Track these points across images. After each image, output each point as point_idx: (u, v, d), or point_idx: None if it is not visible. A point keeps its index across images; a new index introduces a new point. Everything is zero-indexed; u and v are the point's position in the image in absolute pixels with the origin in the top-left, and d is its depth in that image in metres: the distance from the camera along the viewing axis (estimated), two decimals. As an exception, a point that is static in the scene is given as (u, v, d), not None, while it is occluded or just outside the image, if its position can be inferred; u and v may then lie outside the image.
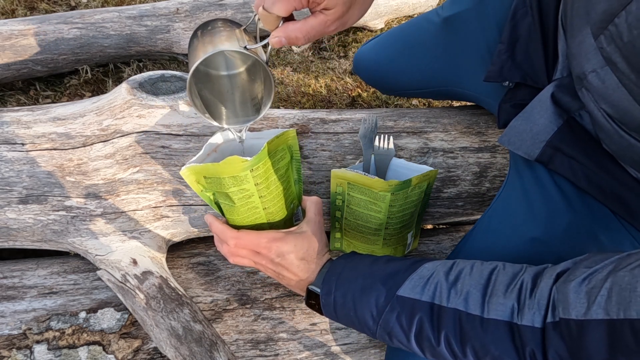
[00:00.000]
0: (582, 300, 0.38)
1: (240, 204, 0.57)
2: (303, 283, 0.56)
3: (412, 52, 0.83)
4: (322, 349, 0.67)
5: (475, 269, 0.47)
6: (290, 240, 0.55)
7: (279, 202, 0.60)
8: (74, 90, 1.20)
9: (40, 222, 0.67)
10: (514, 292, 0.43)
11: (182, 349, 0.58)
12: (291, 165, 0.62)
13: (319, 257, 0.56)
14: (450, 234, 0.82)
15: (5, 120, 0.71)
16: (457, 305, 0.45)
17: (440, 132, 0.77)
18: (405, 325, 0.47)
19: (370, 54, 0.94)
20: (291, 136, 0.61)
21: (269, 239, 0.55)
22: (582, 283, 0.39)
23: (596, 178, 0.52)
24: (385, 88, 0.94)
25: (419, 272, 0.49)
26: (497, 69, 0.62)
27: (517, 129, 0.57)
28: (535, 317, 0.41)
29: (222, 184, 0.55)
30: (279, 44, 0.47)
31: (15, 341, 0.61)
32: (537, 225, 0.56)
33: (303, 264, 0.55)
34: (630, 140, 0.45)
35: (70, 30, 1.09)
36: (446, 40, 0.77)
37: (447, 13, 0.77)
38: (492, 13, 0.70)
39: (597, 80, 0.45)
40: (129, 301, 0.61)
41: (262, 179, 0.56)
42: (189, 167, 0.55)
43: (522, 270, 0.46)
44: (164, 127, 0.70)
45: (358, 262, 0.54)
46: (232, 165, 0.53)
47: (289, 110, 0.79)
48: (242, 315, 0.67)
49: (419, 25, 0.83)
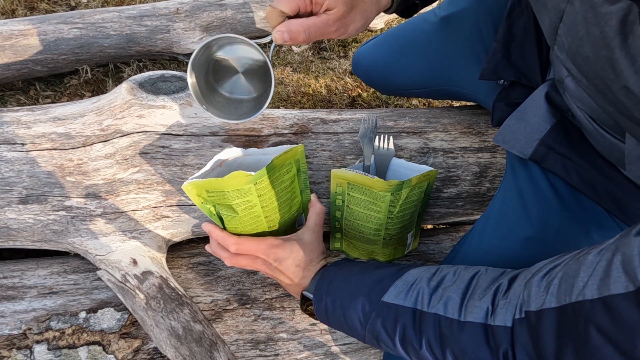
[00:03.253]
0: (541, 292, 0.39)
1: (243, 214, 0.59)
2: (298, 288, 0.59)
3: (410, 52, 0.84)
4: (322, 349, 0.67)
5: (457, 275, 0.48)
6: (288, 247, 0.58)
7: (281, 211, 0.62)
8: (74, 90, 1.20)
9: (40, 222, 0.67)
10: (489, 295, 0.44)
11: (182, 349, 0.58)
12: (298, 177, 0.65)
13: (313, 265, 0.59)
14: (450, 234, 0.82)
15: (5, 120, 0.71)
16: (437, 310, 0.46)
17: (440, 132, 0.77)
18: (390, 330, 0.48)
19: (369, 54, 0.94)
20: (299, 151, 0.63)
21: (267, 245, 0.57)
22: (543, 277, 0.40)
23: (589, 176, 0.53)
24: (384, 88, 0.94)
25: (403, 279, 0.50)
26: (491, 67, 0.62)
27: (511, 128, 0.57)
28: (507, 316, 0.41)
29: (226, 196, 0.57)
30: (282, 39, 0.48)
31: (15, 341, 0.61)
32: (531, 224, 0.57)
33: (298, 270, 0.58)
34: (610, 139, 0.46)
35: (70, 30, 1.09)
36: (444, 39, 0.77)
37: (444, 12, 0.77)
38: (488, 12, 0.70)
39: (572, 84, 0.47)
40: (129, 301, 0.61)
41: (266, 191, 0.59)
42: (191, 182, 0.56)
43: (502, 273, 0.46)
44: (164, 127, 0.70)
45: (349, 269, 0.56)
46: (236, 179, 0.55)
47: (289, 110, 0.79)
48: (242, 315, 0.67)
49: (417, 26, 0.84)
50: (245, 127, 0.74)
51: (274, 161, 0.58)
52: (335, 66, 1.32)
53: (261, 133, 0.74)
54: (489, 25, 0.70)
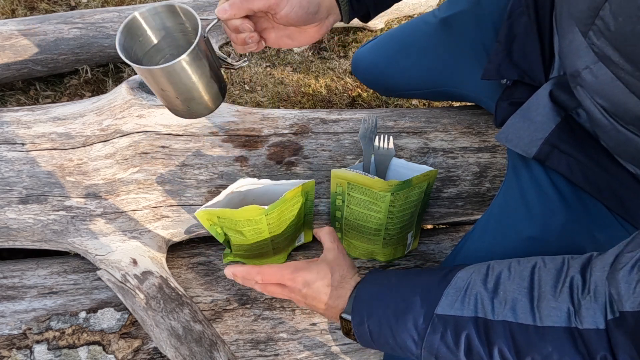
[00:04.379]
0: (633, 290, 0.35)
1: (251, 238, 0.63)
2: (335, 311, 0.53)
3: (409, 53, 0.83)
4: (322, 349, 0.67)
5: (513, 271, 0.44)
6: (313, 268, 0.53)
7: (286, 233, 0.66)
8: (74, 90, 1.20)
9: (40, 222, 0.67)
10: (564, 293, 0.40)
11: (182, 349, 0.58)
12: (304, 205, 0.67)
13: (346, 281, 0.53)
14: (450, 234, 0.82)
15: (5, 120, 0.71)
16: (505, 316, 0.42)
17: (440, 132, 0.77)
18: (452, 344, 0.44)
19: (368, 55, 0.94)
20: (310, 186, 0.64)
21: (291, 269, 0.53)
22: (631, 271, 0.36)
23: (593, 175, 0.52)
24: (384, 89, 0.94)
25: (453, 285, 0.45)
26: (494, 66, 0.62)
27: (515, 127, 0.57)
28: (597, 318, 0.38)
29: (237, 223, 0.60)
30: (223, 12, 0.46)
31: (15, 341, 0.61)
32: (533, 224, 0.56)
33: (330, 290, 0.53)
34: (627, 134, 0.45)
35: (70, 30, 1.09)
36: (443, 41, 0.77)
37: (443, 14, 0.77)
38: (488, 14, 0.70)
39: (591, 76, 0.45)
40: (129, 301, 0.61)
41: (275, 220, 0.62)
42: (204, 210, 0.59)
43: (565, 264, 0.43)
44: (164, 127, 0.70)
45: (385, 284, 0.51)
46: (249, 212, 0.58)
47: (289, 110, 0.79)
48: (242, 315, 0.67)
49: (417, 27, 0.84)
50: (246, 127, 0.74)
51: (286, 196, 0.60)
52: (335, 66, 1.32)
53: (261, 133, 0.74)
54: (489, 26, 0.70)
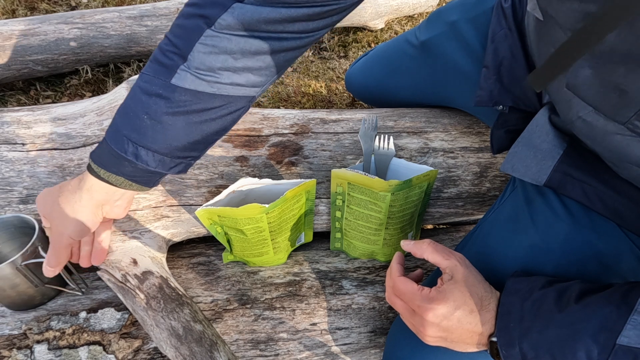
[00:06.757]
0: None
1: (251, 237, 0.63)
2: (484, 338, 0.46)
3: (398, 74, 0.85)
4: (322, 349, 0.67)
5: None
6: (448, 296, 0.46)
7: (286, 232, 0.67)
8: (75, 90, 1.20)
9: (40, 222, 0.67)
10: None
11: (183, 349, 0.58)
12: (305, 205, 0.67)
13: (490, 301, 0.47)
14: (450, 234, 0.82)
15: (6, 120, 0.71)
16: None
17: (440, 132, 0.77)
18: None
19: (358, 76, 0.96)
20: (311, 185, 0.65)
21: (423, 296, 0.48)
22: None
23: (610, 201, 0.49)
24: (378, 105, 0.96)
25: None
26: (486, 93, 0.60)
27: (519, 155, 0.54)
28: None
29: (237, 222, 0.61)
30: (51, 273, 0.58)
31: (15, 341, 0.61)
32: (536, 231, 0.55)
33: (474, 316, 0.46)
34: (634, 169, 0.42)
35: (70, 30, 1.09)
36: (427, 63, 0.78)
37: (423, 37, 0.78)
38: (466, 33, 0.70)
39: (584, 125, 0.43)
40: (129, 301, 0.61)
41: (275, 218, 0.63)
42: (205, 208, 0.59)
43: None
44: (164, 127, 0.70)
45: (540, 299, 0.45)
46: (250, 210, 0.59)
47: (289, 110, 0.79)
48: (242, 315, 0.67)
49: (400, 48, 0.85)
50: (246, 127, 0.74)
51: (287, 194, 0.60)
52: (335, 66, 1.32)
53: (261, 133, 0.74)
54: (471, 45, 0.69)
